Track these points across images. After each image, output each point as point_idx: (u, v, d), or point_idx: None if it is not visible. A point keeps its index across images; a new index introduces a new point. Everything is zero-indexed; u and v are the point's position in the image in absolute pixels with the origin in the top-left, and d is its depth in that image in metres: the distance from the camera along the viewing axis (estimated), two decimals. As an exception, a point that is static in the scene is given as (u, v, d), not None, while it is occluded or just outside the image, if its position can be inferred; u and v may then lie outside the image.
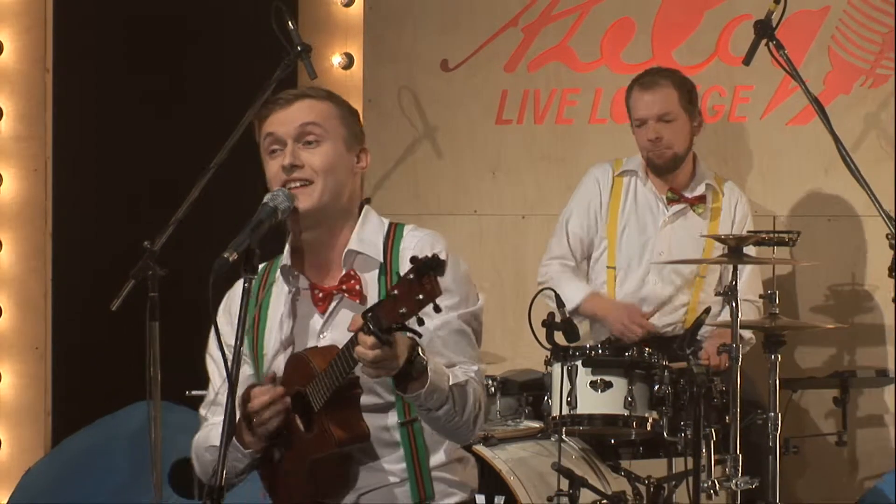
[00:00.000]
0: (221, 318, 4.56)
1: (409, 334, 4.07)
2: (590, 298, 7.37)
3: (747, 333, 7.03)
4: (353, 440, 4.35)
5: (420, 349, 4.17)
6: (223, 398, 4.42)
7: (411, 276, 3.94)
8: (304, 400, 4.33)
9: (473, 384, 4.38)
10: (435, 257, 3.93)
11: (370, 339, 4.03)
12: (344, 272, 4.48)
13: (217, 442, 4.35)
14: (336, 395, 4.28)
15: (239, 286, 4.41)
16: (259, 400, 4.31)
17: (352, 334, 4.15)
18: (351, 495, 4.43)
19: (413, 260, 3.98)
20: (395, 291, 3.97)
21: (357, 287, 4.45)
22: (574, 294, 7.28)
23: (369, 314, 4.02)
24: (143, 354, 7.30)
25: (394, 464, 4.45)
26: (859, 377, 7.60)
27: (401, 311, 3.97)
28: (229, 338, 4.35)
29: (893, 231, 6.49)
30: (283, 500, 4.50)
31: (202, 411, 4.70)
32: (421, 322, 4.04)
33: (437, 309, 4.02)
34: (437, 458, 4.48)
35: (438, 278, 3.93)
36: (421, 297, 3.94)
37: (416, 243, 4.49)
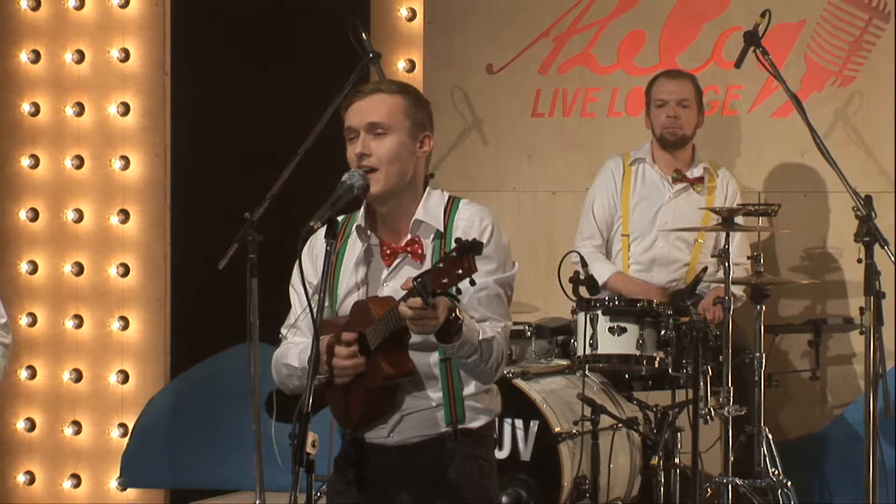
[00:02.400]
0: (305, 258, 4.56)
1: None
2: (615, 276, 7.38)
3: (738, 291, 7.02)
4: (400, 375, 4.39)
5: (458, 310, 4.20)
6: (300, 323, 4.59)
7: (454, 254, 4.00)
8: (362, 340, 4.36)
9: (499, 339, 4.39)
10: (475, 241, 4.00)
11: (417, 301, 4.07)
12: (409, 237, 4.49)
13: (291, 360, 4.54)
14: (388, 339, 4.31)
15: (318, 234, 4.43)
16: (340, 361, 4.35)
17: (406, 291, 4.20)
18: (397, 415, 4.44)
19: (457, 241, 4.05)
20: (441, 264, 4.02)
21: (419, 250, 4.46)
22: (602, 272, 7.27)
23: (418, 280, 4.05)
24: (245, 305, 7.34)
25: (433, 392, 4.46)
26: (829, 324, 7.57)
27: (443, 280, 4.02)
28: (310, 275, 4.46)
29: (858, 204, 6.47)
30: (342, 418, 4.53)
31: (283, 331, 4.72)
32: (459, 291, 4.12)
33: (473, 283, 4.08)
34: (468, 389, 4.49)
35: (478, 251, 4.00)
36: (460, 272, 4.01)
37: (468, 216, 4.50)
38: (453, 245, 4.09)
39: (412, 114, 4.53)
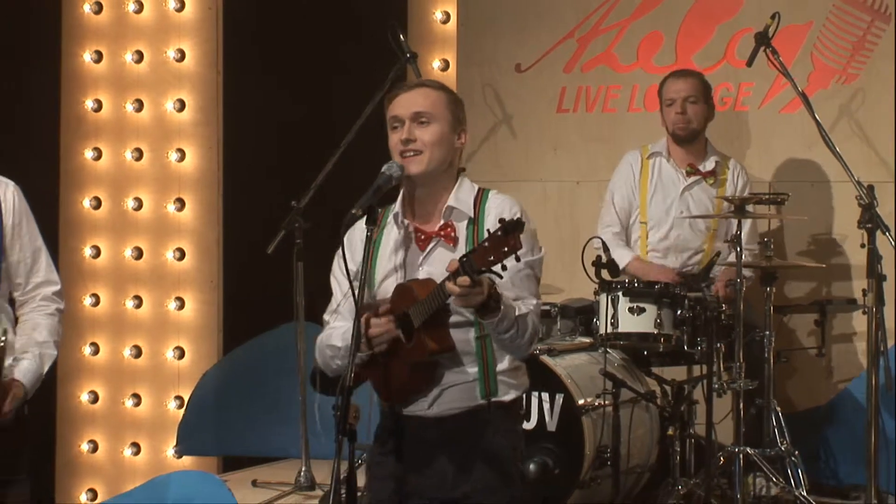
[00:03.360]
0: (345, 247, 4.57)
1: (491, 276, 4.13)
2: (633, 262, 7.38)
3: (748, 272, 7.00)
4: (442, 351, 4.39)
5: (497, 288, 4.21)
6: (342, 308, 4.60)
7: (499, 233, 4.00)
8: (406, 318, 4.37)
9: (532, 316, 4.41)
10: (519, 220, 4.01)
11: (466, 279, 4.08)
12: (442, 222, 4.51)
13: (335, 341, 4.55)
14: (432, 317, 4.32)
15: (356, 226, 4.47)
16: (375, 329, 4.36)
17: (446, 273, 4.19)
18: (436, 389, 4.45)
19: (501, 220, 4.05)
20: (487, 243, 4.03)
21: (452, 234, 4.48)
22: (622, 258, 7.28)
23: (465, 259, 4.07)
24: (291, 286, 7.37)
25: (469, 367, 4.46)
26: (834, 304, 7.56)
27: (489, 258, 4.02)
28: (349, 262, 4.47)
29: (860, 193, 6.46)
30: (385, 393, 4.54)
31: (326, 317, 4.73)
32: (504, 268, 4.11)
33: (518, 259, 4.09)
34: (501, 365, 4.49)
35: (521, 229, 4.00)
36: (506, 249, 4.01)
37: (497, 203, 4.52)
38: (497, 226, 4.08)
39: (452, 108, 4.57)
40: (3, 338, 4.54)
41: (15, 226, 4.70)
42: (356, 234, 4.53)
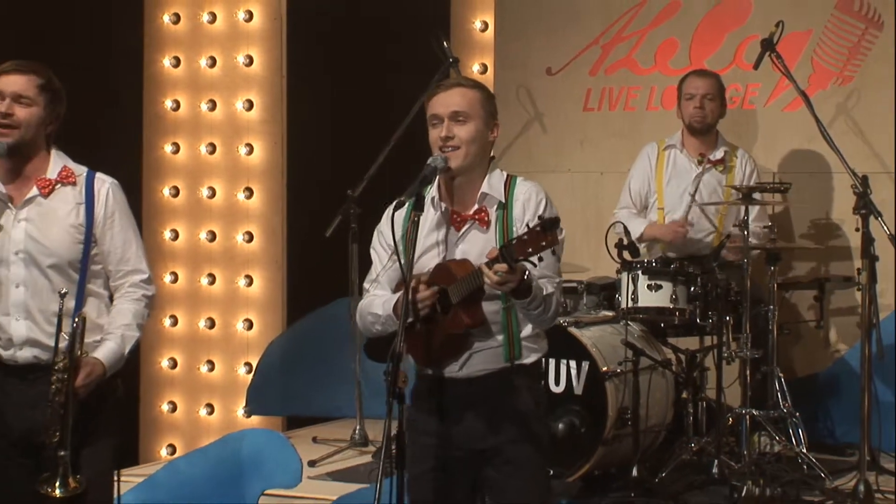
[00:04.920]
0: (384, 224, 4.60)
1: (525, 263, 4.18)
2: (648, 227, 7.36)
3: (754, 251, 6.97)
4: (475, 325, 4.41)
5: (528, 273, 4.22)
6: (381, 278, 4.58)
7: (539, 228, 4.02)
8: (444, 294, 4.37)
9: (556, 294, 4.41)
10: (557, 219, 4.05)
11: (503, 266, 4.09)
12: (477, 207, 4.50)
13: (376, 309, 4.54)
14: (468, 295, 4.34)
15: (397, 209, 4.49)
16: (421, 294, 4.36)
17: (480, 253, 4.29)
18: (466, 353, 4.46)
19: (541, 217, 4.12)
20: (526, 237, 4.05)
21: (486, 217, 4.48)
22: (637, 227, 7.27)
23: (504, 248, 4.09)
24: (347, 266, 7.38)
25: (496, 334, 4.47)
26: (831, 282, 7.52)
27: (528, 250, 4.06)
28: (389, 239, 4.49)
29: (856, 182, 6.42)
30: (422, 358, 4.53)
31: (365, 285, 4.71)
32: (541, 259, 4.16)
33: (541, 259, 4.16)
34: (525, 332, 4.50)
35: (558, 226, 4.05)
36: (544, 243, 4.05)
37: (525, 190, 4.52)
38: (534, 220, 4.13)
39: (486, 105, 4.55)
40: (77, 321, 4.54)
41: (107, 218, 4.69)
42: (399, 214, 4.50)
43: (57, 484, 4.46)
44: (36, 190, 4.65)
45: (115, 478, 4.77)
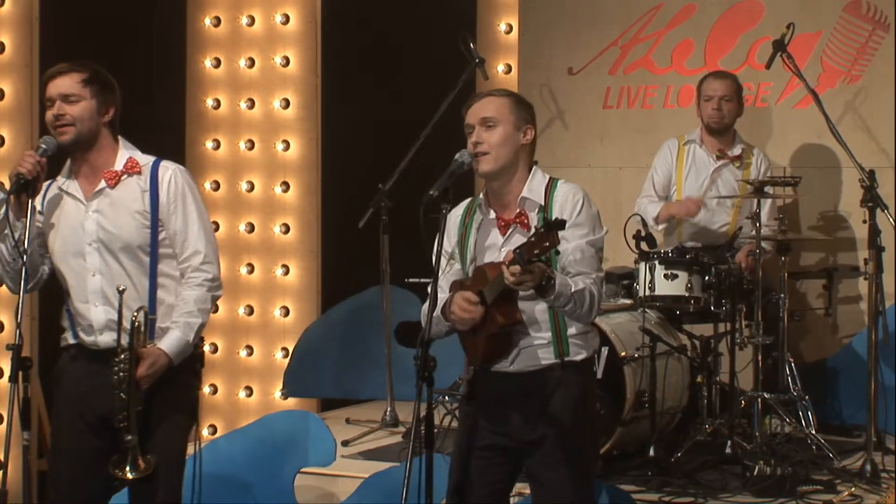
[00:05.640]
0: (443, 233, 4.58)
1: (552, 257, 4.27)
2: (663, 207, 7.36)
3: (766, 246, 6.94)
4: (510, 324, 4.42)
5: (550, 271, 4.22)
6: (442, 283, 4.57)
7: (542, 230, 4.04)
8: (482, 296, 4.37)
9: (591, 289, 4.37)
10: (559, 220, 4.06)
11: (517, 267, 4.10)
12: (518, 210, 4.51)
13: (436, 313, 4.50)
14: (502, 295, 4.33)
15: (451, 215, 4.54)
16: (462, 314, 4.38)
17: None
18: (514, 351, 4.47)
19: (545, 220, 4.18)
20: (533, 238, 4.07)
21: (526, 220, 4.49)
22: (654, 210, 7.31)
23: (517, 251, 4.11)
24: (379, 255, 7.39)
25: (544, 332, 4.48)
26: (839, 271, 7.54)
27: (535, 251, 4.07)
28: (446, 245, 4.53)
29: (863, 176, 6.41)
30: (472, 356, 4.56)
31: (429, 289, 4.70)
32: (558, 252, 4.24)
33: (557, 252, 4.28)
34: (571, 330, 4.50)
35: (562, 227, 4.05)
36: (547, 244, 4.06)
37: (564, 193, 4.53)
38: (557, 209, 4.23)
39: (515, 111, 4.56)
40: (137, 314, 4.58)
41: (171, 202, 4.73)
42: (451, 220, 4.56)
43: (127, 467, 4.52)
44: (104, 182, 4.72)
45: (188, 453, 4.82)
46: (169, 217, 4.73)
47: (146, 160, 4.79)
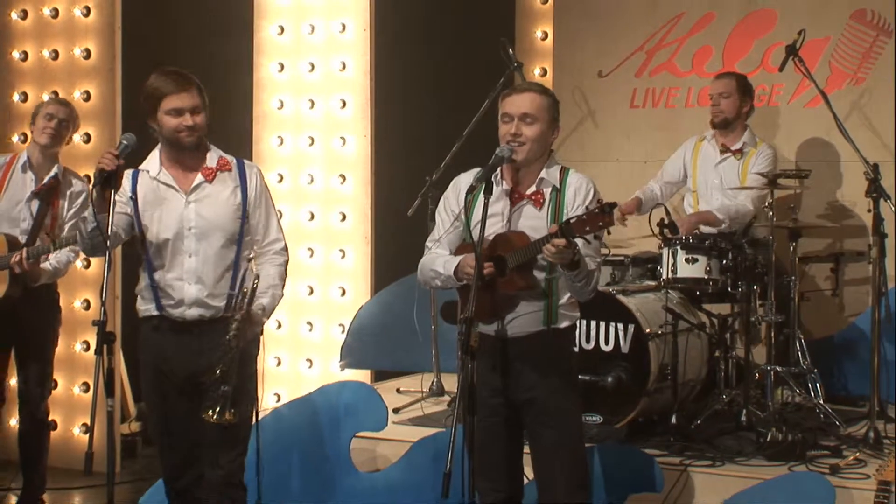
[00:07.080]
0: (451, 194, 4.72)
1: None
2: (628, 203, 7.37)
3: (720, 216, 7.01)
4: (526, 288, 4.46)
5: (579, 249, 4.26)
6: (443, 240, 4.71)
7: (597, 210, 4.03)
8: (501, 259, 4.40)
9: (595, 271, 4.46)
10: (614, 203, 4.09)
11: (562, 241, 4.11)
12: (534, 189, 4.55)
13: (437, 266, 4.65)
14: (524, 263, 4.37)
15: (463, 178, 4.66)
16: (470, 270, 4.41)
17: (532, 226, 4.40)
18: (511, 315, 4.52)
19: (599, 201, 4.20)
20: (585, 216, 4.07)
21: (541, 198, 4.54)
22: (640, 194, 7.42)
23: (564, 225, 4.10)
24: (425, 240, 7.38)
25: (539, 300, 4.53)
26: (846, 256, 7.51)
27: (586, 228, 4.08)
28: (454, 205, 4.65)
29: (868, 169, 6.36)
30: (479, 314, 4.45)
31: (428, 243, 4.84)
32: (598, 237, 4.21)
33: (596, 237, 4.29)
34: (563, 300, 4.56)
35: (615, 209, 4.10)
36: (601, 224, 4.08)
37: (577, 180, 4.58)
38: (586, 204, 4.27)
39: (551, 111, 4.62)
40: (256, 280, 4.82)
41: (256, 198, 4.96)
42: (462, 186, 4.62)
43: (217, 410, 4.60)
44: (201, 177, 4.91)
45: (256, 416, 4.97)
46: (254, 210, 4.95)
47: (231, 159, 5.01)
